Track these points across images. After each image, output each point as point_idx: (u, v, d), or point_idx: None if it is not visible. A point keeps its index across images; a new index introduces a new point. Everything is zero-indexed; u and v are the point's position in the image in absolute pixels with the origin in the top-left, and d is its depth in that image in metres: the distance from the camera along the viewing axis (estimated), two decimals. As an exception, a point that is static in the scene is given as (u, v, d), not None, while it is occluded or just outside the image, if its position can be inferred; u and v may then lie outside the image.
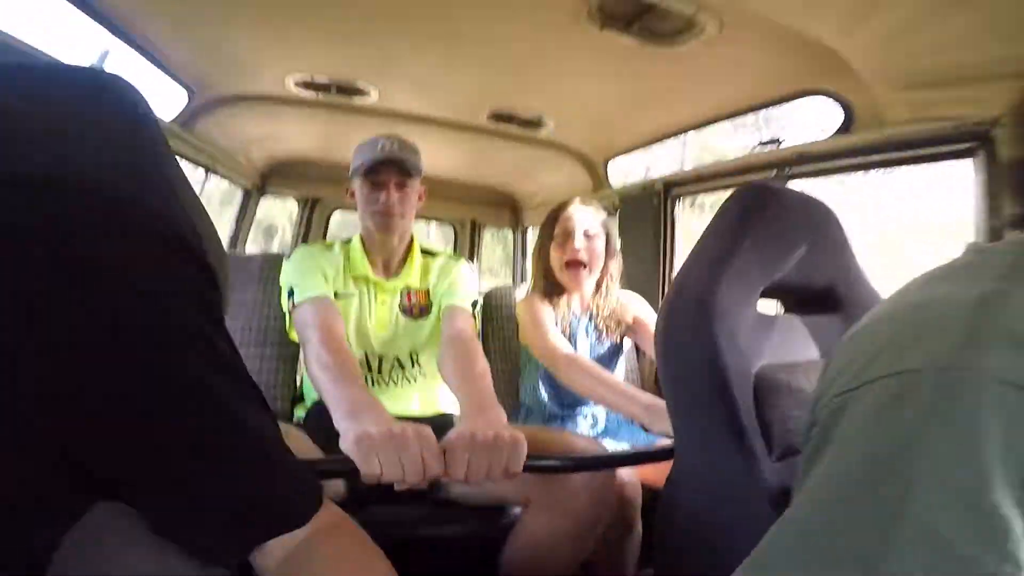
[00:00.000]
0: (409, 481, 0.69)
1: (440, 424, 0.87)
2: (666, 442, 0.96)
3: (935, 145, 1.01)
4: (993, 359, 0.29)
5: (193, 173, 2.04)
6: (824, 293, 0.79)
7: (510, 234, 3.04)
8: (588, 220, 1.38)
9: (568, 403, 1.39)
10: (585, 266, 1.35)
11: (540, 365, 1.35)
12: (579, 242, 1.35)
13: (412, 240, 1.25)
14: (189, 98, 1.54)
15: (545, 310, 1.36)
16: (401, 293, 1.21)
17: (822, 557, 0.30)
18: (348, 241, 1.23)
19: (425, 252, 1.27)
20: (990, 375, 0.29)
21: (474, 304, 1.20)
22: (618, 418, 1.39)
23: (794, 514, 0.34)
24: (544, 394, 1.40)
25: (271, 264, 1.39)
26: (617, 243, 1.46)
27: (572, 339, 1.37)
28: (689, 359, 0.66)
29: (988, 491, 0.27)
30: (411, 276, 1.21)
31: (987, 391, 0.29)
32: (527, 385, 1.45)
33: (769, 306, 0.99)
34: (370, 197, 1.16)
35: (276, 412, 1.28)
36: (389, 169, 1.14)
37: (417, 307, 1.21)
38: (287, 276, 1.11)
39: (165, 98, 1.49)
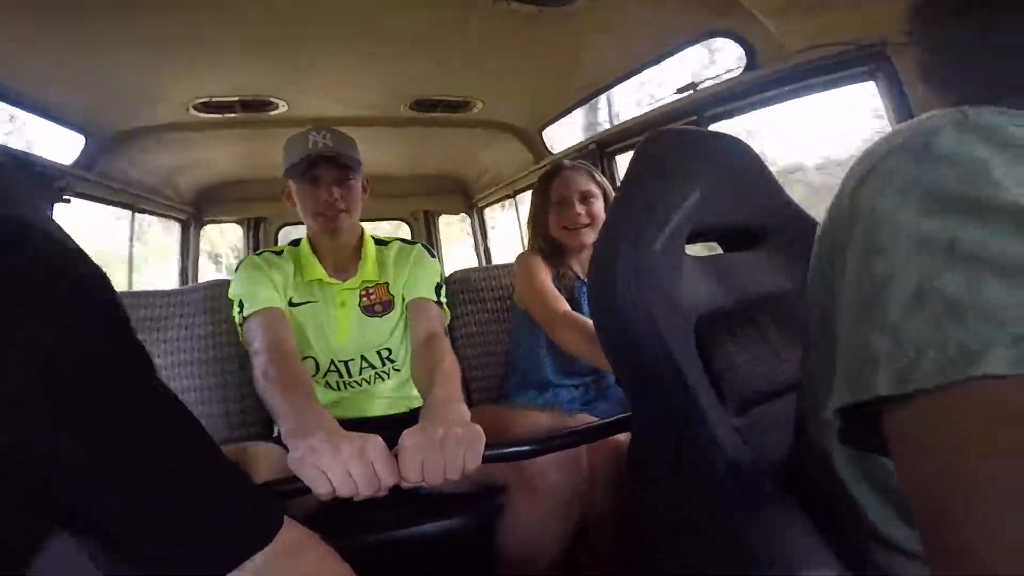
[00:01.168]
0: (364, 493, 0.67)
1: (413, 422, 0.82)
2: None
3: (836, 71, 0.99)
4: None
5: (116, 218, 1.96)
6: (755, 228, 0.75)
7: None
8: (583, 182, 1.30)
9: (566, 372, 1.32)
10: (588, 225, 1.28)
11: (541, 329, 1.27)
12: (578, 207, 1.28)
13: (362, 233, 1.18)
14: (86, 140, 1.46)
15: (542, 268, 1.29)
16: (359, 292, 1.15)
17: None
18: (297, 243, 1.16)
19: (378, 242, 1.20)
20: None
21: (438, 288, 1.15)
22: (608, 387, 1.34)
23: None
24: (544, 359, 1.32)
25: (216, 292, 1.33)
26: None
27: (576, 306, 1.28)
28: (621, 321, 0.62)
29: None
30: (367, 272, 1.15)
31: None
32: (523, 348, 1.37)
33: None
34: (309, 197, 1.08)
35: (250, 436, 1.23)
36: (326, 165, 1.06)
37: (379, 303, 1.15)
38: (235, 289, 1.05)
39: (57, 144, 1.41)
